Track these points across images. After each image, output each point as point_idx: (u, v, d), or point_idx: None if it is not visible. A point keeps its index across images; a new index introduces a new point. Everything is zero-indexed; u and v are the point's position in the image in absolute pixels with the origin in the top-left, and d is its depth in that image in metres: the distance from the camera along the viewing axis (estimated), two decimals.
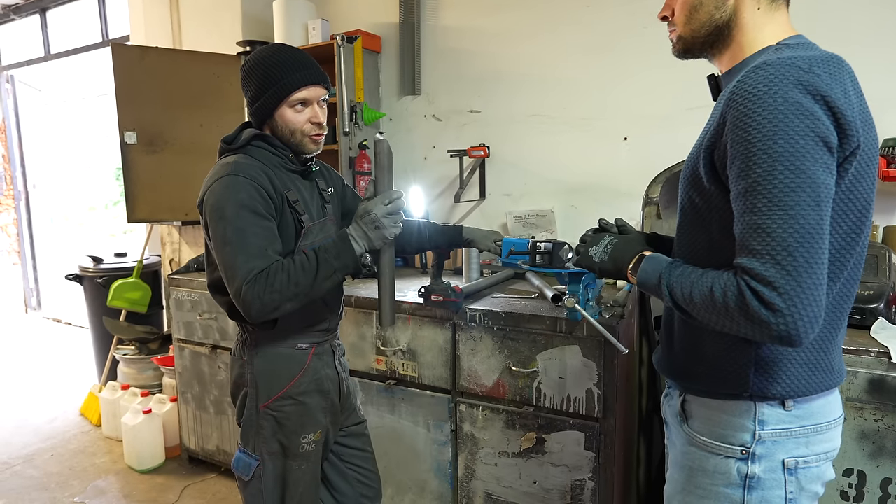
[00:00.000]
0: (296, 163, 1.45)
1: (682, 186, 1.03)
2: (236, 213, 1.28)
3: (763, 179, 0.81)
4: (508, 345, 1.83)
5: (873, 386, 1.41)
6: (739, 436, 0.96)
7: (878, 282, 1.62)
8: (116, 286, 3.42)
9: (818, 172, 0.80)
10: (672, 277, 0.94)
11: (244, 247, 1.27)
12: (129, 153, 2.82)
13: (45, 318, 6.01)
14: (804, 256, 0.79)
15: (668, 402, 1.13)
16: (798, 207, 0.79)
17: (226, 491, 2.63)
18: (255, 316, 1.28)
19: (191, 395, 2.74)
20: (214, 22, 3.20)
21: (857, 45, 1.94)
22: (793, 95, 0.80)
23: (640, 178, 2.13)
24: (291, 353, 1.45)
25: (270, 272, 1.27)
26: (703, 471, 1.00)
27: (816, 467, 0.97)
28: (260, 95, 1.37)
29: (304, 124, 1.39)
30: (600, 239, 1.14)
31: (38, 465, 2.92)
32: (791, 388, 0.93)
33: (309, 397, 1.46)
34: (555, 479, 1.81)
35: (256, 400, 1.43)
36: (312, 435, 1.47)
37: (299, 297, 1.29)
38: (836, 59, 0.87)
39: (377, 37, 2.88)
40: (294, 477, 1.46)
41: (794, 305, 0.78)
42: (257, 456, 1.44)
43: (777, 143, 0.80)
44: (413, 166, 2.88)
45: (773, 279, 0.79)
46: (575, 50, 2.45)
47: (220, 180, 1.32)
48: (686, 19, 1.00)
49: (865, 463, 1.44)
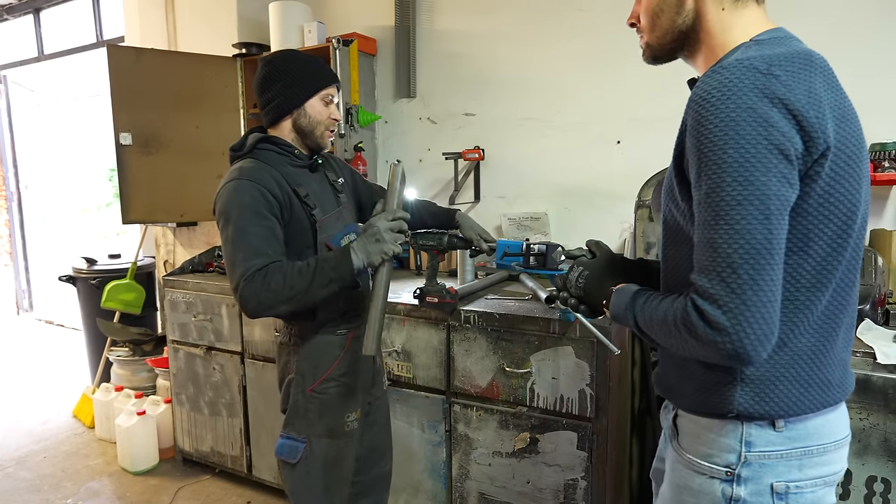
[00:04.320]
0: (302, 157, 1.52)
1: (663, 199, 1.00)
2: (239, 214, 1.35)
3: (712, 192, 0.78)
4: (502, 346, 1.85)
5: (859, 385, 1.44)
6: (724, 456, 0.90)
7: (865, 284, 1.65)
8: (110, 287, 3.41)
9: (770, 184, 0.76)
10: (636, 307, 0.93)
11: (244, 245, 1.33)
12: (124, 154, 2.82)
13: (37, 319, 5.98)
14: (749, 273, 0.76)
15: (665, 416, 1.10)
16: (744, 222, 0.76)
17: (220, 492, 2.63)
18: (251, 312, 1.33)
19: (185, 396, 2.74)
20: (210, 24, 3.20)
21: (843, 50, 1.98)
22: (747, 100, 0.76)
23: (633, 181, 2.16)
24: (332, 339, 1.54)
25: (269, 272, 1.31)
26: (689, 489, 0.95)
27: (811, 493, 0.89)
28: (294, 85, 1.46)
29: (327, 118, 1.51)
30: (572, 273, 1.11)
31: (30, 466, 2.91)
32: (781, 407, 0.86)
33: (349, 378, 1.56)
34: (548, 479, 1.83)
35: (303, 385, 1.52)
36: (354, 413, 1.56)
37: (294, 301, 1.33)
38: (803, 56, 0.81)
39: (373, 40, 2.90)
40: (340, 455, 1.55)
41: (738, 324, 0.76)
42: (304, 438, 1.52)
43: (727, 152, 0.76)
44: (408, 169, 2.89)
45: (717, 296, 0.77)
46: (568, 54, 2.48)
47: (227, 185, 1.39)
48: (650, 26, 0.98)
49: (851, 461, 1.46)
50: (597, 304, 1.06)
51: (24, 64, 5.42)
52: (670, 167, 0.93)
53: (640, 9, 0.99)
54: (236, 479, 2.69)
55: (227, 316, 2.53)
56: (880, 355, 1.43)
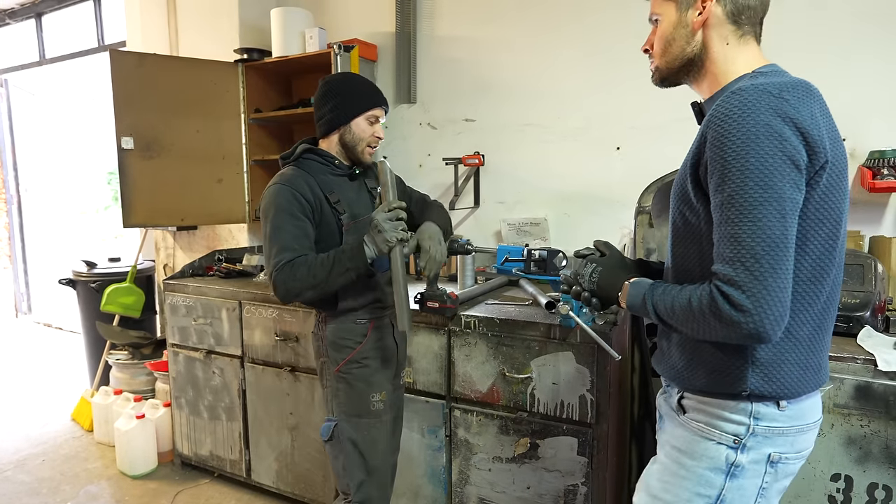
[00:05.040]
0: (342, 167, 1.71)
1: (672, 202, 1.10)
2: (275, 214, 1.57)
3: (736, 194, 0.90)
4: (503, 351, 1.86)
5: (860, 392, 1.45)
6: (734, 427, 1.02)
7: (865, 291, 1.65)
8: (110, 291, 3.41)
9: (785, 188, 0.89)
10: (655, 296, 1.04)
11: (278, 241, 1.55)
12: (126, 158, 2.82)
13: (36, 322, 5.97)
14: (769, 262, 0.88)
15: (666, 399, 1.18)
16: (765, 219, 0.88)
17: (219, 497, 2.63)
18: (281, 297, 1.55)
19: (184, 400, 2.74)
20: (212, 29, 3.21)
21: (842, 58, 1.99)
22: (764, 118, 0.89)
23: (633, 188, 2.17)
24: (354, 327, 1.69)
25: (296, 264, 1.52)
26: (692, 453, 1.06)
27: (793, 464, 1.05)
28: (344, 104, 1.65)
29: (370, 136, 1.68)
30: (584, 268, 1.21)
31: (29, 470, 2.90)
32: (785, 388, 1.00)
33: (373, 361, 1.71)
34: (548, 485, 1.83)
35: (331, 367, 1.70)
36: (379, 395, 1.70)
37: (317, 288, 1.53)
38: (804, 85, 0.96)
39: (373, 46, 2.91)
40: (372, 435, 1.69)
41: (760, 306, 0.87)
42: (335, 418, 1.70)
43: (749, 161, 0.89)
44: (408, 174, 2.90)
45: (742, 282, 0.88)
46: (569, 60, 2.49)
47: (269, 189, 1.62)
48: (662, 52, 1.11)
49: (852, 468, 1.47)
50: (610, 297, 1.16)
51: (25, 68, 5.43)
52: (683, 174, 1.05)
53: (654, 37, 1.13)
54: (235, 483, 2.69)
55: (226, 320, 2.53)
56: (881, 362, 1.43)
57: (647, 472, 1.19)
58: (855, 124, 1.97)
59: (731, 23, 1.05)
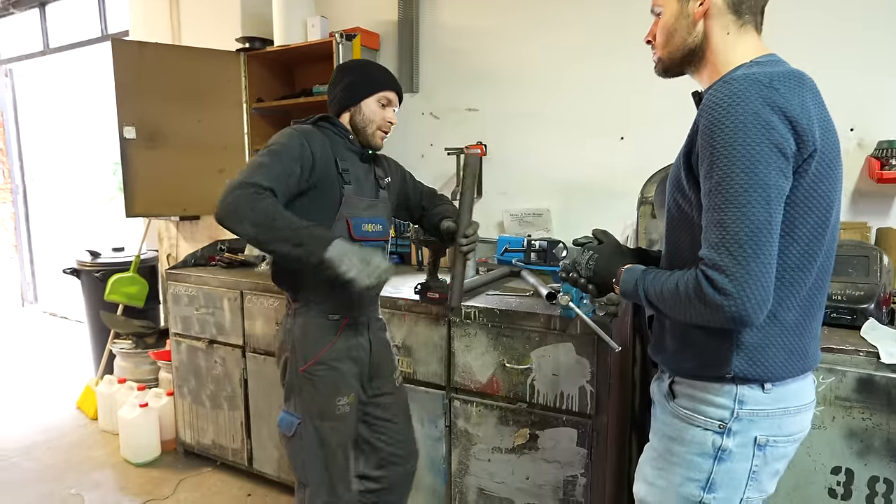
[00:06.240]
0: (356, 145, 1.67)
1: (668, 190, 1.13)
2: (276, 148, 1.49)
3: (723, 181, 0.92)
4: (503, 342, 1.85)
5: (862, 385, 1.43)
6: (719, 412, 1.04)
7: (870, 283, 1.63)
8: (114, 280, 3.42)
9: (770, 175, 0.90)
10: (646, 282, 1.06)
11: (262, 168, 1.44)
12: (128, 148, 2.82)
13: (42, 311, 6.01)
14: (752, 248, 0.89)
15: (658, 384, 1.21)
16: (750, 205, 0.90)
17: (220, 484, 2.64)
18: (221, 211, 1.38)
19: (187, 389, 2.75)
20: (214, 18, 3.20)
21: (852, 48, 1.95)
22: (753, 107, 0.91)
23: (636, 178, 2.14)
24: (324, 323, 1.61)
25: (265, 197, 1.39)
26: (681, 440, 1.09)
27: (784, 447, 1.06)
28: (355, 84, 1.63)
29: (380, 119, 1.65)
30: (580, 256, 1.23)
31: (35, 457, 2.93)
32: (770, 371, 1.01)
33: (342, 363, 1.63)
34: (547, 475, 1.83)
35: (296, 364, 1.61)
36: (347, 398, 1.63)
37: (258, 229, 1.37)
38: (797, 75, 0.97)
39: (376, 34, 2.88)
40: (332, 437, 1.62)
41: (742, 290, 0.89)
42: (299, 415, 1.62)
43: (736, 149, 0.90)
44: (410, 164, 2.88)
45: (726, 266, 0.90)
46: (572, 49, 2.46)
47: (283, 129, 1.57)
48: (664, 43, 1.12)
49: (854, 461, 1.46)
50: (606, 283, 1.19)
51: (30, 57, 5.43)
52: (678, 162, 1.07)
53: (657, 28, 1.14)
54: (237, 472, 2.70)
55: (228, 310, 2.54)
56: (884, 354, 1.41)
57: (642, 459, 1.21)
58: (863, 115, 1.93)
59: (732, 12, 1.05)
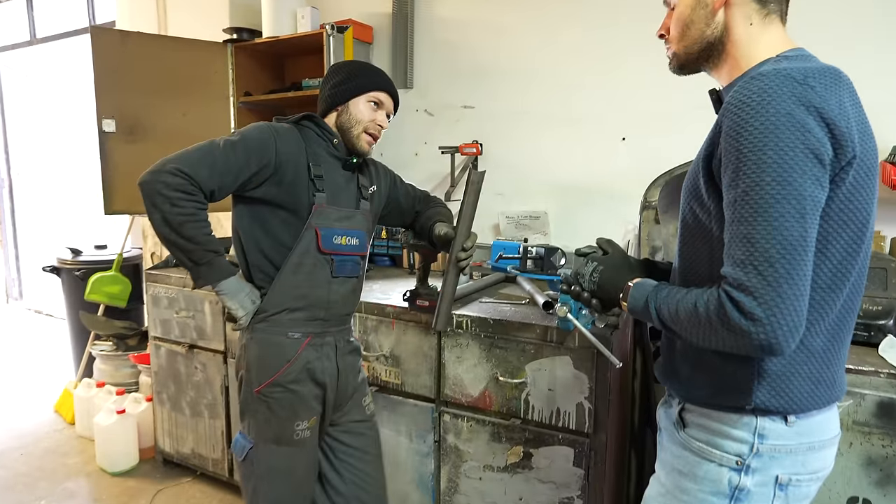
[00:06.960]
0: (340, 150, 1.53)
1: (683, 198, 1.02)
2: (238, 139, 1.40)
3: (751, 190, 0.81)
4: (496, 353, 1.74)
5: (882, 409, 1.33)
6: (737, 446, 0.94)
7: (887, 297, 1.53)
8: (95, 279, 3.30)
9: (805, 185, 0.80)
10: (658, 299, 0.95)
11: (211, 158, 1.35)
12: (108, 142, 2.70)
13: (27, 308, 5.88)
14: (785, 267, 0.79)
15: (666, 410, 1.11)
16: (782, 219, 0.79)
17: (200, 496, 2.53)
18: (143, 186, 1.33)
19: (166, 395, 2.63)
20: (201, 8, 3.09)
21: (867, 51, 1.86)
22: (786, 107, 0.80)
23: (638, 180, 2.04)
24: (283, 342, 1.47)
25: (191, 198, 1.33)
26: (693, 476, 0.98)
27: (807, 486, 0.95)
28: (345, 82, 1.51)
29: (369, 121, 1.51)
30: (584, 267, 1.12)
31: (6, 464, 2.81)
32: (794, 402, 0.91)
33: (301, 385, 1.48)
34: (541, 496, 1.72)
35: (251, 384, 1.48)
36: (307, 422, 1.49)
37: (165, 231, 1.34)
38: (833, 71, 0.86)
39: (369, 27, 2.77)
40: (290, 464, 1.49)
41: (773, 315, 0.79)
42: (252, 439, 1.48)
43: (766, 153, 0.80)
44: (403, 162, 2.78)
45: (754, 288, 0.80)
46: (572, 45, 2.36)
47: (255, 122, 1.48)
48: (679, 37, 1.02)
49: (871, 491, 1.35)
50: (612, 298, 1.07)
51: (16, 48, 5.30)
52: (696, 167, 0.96)
53: (671, 20, 1.04)
54: (218, 483, 2.58)
55: (209, 313, 2.42)
56: None
57: (648, 494, 1.10)
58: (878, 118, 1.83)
59: (756, 0, 0.95)
